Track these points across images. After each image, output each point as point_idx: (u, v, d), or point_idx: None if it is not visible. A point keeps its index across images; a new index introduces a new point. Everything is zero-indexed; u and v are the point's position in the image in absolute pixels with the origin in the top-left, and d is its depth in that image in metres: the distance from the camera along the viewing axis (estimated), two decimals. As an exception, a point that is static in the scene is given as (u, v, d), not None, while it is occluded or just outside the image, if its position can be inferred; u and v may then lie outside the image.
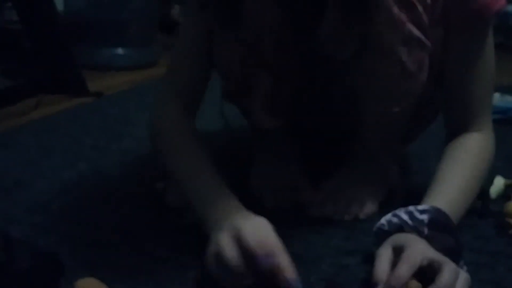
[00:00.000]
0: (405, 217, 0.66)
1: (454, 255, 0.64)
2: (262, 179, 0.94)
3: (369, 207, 0.87)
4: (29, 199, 0.95)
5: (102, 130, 1.29)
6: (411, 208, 0.67)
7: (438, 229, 0.65)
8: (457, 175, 0.74)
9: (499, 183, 0.87)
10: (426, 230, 0.65)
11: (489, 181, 0.86)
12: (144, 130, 1.27)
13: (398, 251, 0.63)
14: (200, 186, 0.75)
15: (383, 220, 0.68)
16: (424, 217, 0.65)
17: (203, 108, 0.89)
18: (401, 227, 0.66)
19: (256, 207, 0.74)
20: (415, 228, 0.65)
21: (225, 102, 0.93)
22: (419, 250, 0.61)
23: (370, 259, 0.68)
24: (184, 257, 0.77)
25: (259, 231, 0.61)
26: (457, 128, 0.80)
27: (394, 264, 0.62)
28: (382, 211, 0.78)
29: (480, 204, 0.83)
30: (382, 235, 0.67)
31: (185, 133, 0.83)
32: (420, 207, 0.67)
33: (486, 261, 0.73)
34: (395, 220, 0.67)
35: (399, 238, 0.65)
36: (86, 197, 0.95)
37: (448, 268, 0.60)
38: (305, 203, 0.88)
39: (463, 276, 0.62)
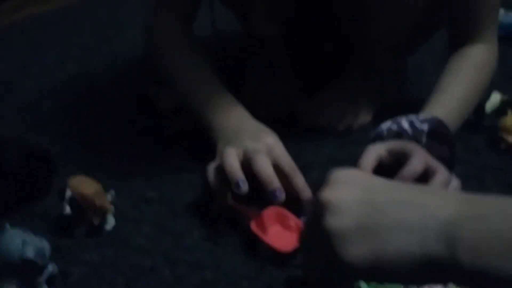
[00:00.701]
0: (405, 125, 0.66)
1: (449, 166, 0.65)
2: (256, 88, 0.93)
3: (363, 118, 0.86)
4: (19, 98, 0.93)
5: (92, 31, 1.24)
6: (412, 116, 0.66)
7: (437, 140, 0.65)
8: (459, 86, 0.73)
9: (495, 98, 0.86)
10: (424, 140, 0.65)
11: (486, 96, 0.85)
12: (136, 33, 1.23)
13: (395, 155, 0.63)
14: (202, 89, 0.74)
15: (383, 126, 0.67)
16: (424, 126, 0.65)
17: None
18: (399, 135, 0.66)
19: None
20: (414, 137, 0.65)
21: (216, 7, 0.89)
22: (421, 159, 0.62)
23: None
24: (177, 159, 0.77)
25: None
26: (462, 38, 0.77)
27: (384, 162, 0.63)
28: (376, 123, 0.78)
29: (475, 118, 0.83)
30: (379, 142, 0.67)
31: (183, 36, 0.80)
32: (421, 117, 0.66)
33: (475, 173, 0.74)
34: (394, 127, 0.66)
35: (398, 143, 0.65)
36: (76, 98, 0.94)
37: (442, 173, 0.61)
38: (299, 112, 0.87)
39: (455, 181, 0.64)
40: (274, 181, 0.62)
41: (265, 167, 0.63)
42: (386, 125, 0.67)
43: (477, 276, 0.34)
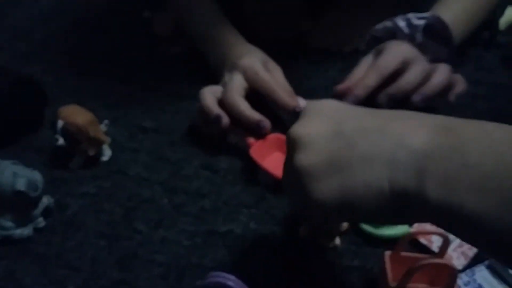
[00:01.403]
0: (401, 23, 0.62)
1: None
2: (260, 9, 0.88)
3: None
4: (9, 27, 0.89)
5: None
6: (410, 14, 0.62)
7: (433, 37, 0.62)
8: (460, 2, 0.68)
9: (510, 13, 0.80)
10: (420, 37, 0.61)
11: (500, 12, 0.80)
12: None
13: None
14: (203, 18, 0.73)
15: (378, 26, 0.64)
16: (421, 22, 0.61)
17: None
18: (394, 34, 0.62)
19: (253, 38, 0.70)
20: (409, 35, 0.61)
21: None
22: (394, 54, 0.59)
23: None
24: (174, 85, 0.74)
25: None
26: None
27: None
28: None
29: (488, 34, 0.78)
30: (373, 44, 0.64)
31: None
32: (419, 14, 0.63)
33: (485, 92, 0.71)
34: (389, 24, 0.63)
35: (384, 44, 0.61)
36: (69, 26, 0.89)
37: (415, 67, 0.58)
38: (304, 33, 0.83)
39: (444, 67, 0.61)
40: (254, 116, 0.60)
41: (236, 105, 0.61)
42: (382, 24, 0.63)
43: (445, 214, 0.31)
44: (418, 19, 0.61)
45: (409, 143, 0.33)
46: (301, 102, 0.62)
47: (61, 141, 0.59)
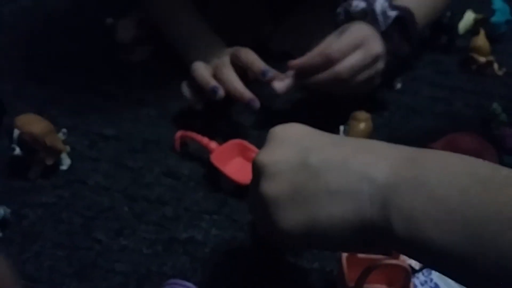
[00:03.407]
0: (377, 7, 0.62)
1: (401, 65, 0.65)
2: (222, 12, 0.88)
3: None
4: (-33, 35, 0.87)
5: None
6: (385, 1, 0.62)
7: (400, 33, 0.62)
8: None
9: (469, 17, 0.82)
10: (387, 26, 0.62)
11: (459, 16, 0.82)
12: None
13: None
14: (182, 20, 0.74)
15: (353, 1, 0.64)
16: (394, 13, 0.62)
17: None
18: (365, 14, 0.63)
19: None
20: (379, 21, 0.62)
21: None
22: (348, 38, 0.60)
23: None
24: (134, 93, 0.73)
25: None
26: None
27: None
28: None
29: (447, 39, 0.80)
30: (344, 17, 0.65)
31: None
32: (394, 3, 0.63)
33: (444, 95, 0.72)
34: (363, 4, 0.63)
35: (346, 26, 0.62)
36: (29, 32, 0.88)
37: (358, 54, 0.60)
38: (266, 37, 0.84)
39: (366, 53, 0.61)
40: (247, 93, 0.61)
41: (231, 80, 0.62)
42: (357, 2, 0.64)
43: (413, 247, 0.31)
44: (391, 9, 0.62)
45: (373, 176, 0.33)
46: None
47: (17, 150, 0.58)
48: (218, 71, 0.63)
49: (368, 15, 0.62)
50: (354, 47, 0.60)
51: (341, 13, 0.65)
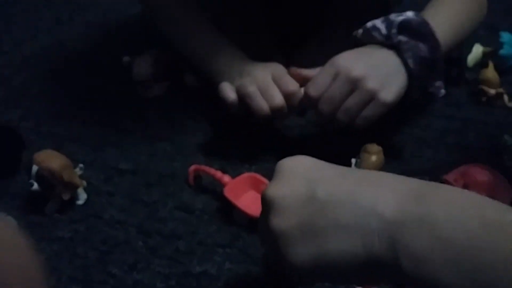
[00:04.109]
0: (379, 24, 0.61)
1: (430, 67, 0.60)
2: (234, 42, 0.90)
3: None
4: (-11, 74, 0.91)
5: (64, 2, 1.20)
6: (391, 15, 0.62)
7: (410, 34, 0.60)
8: (445, 10, 0.67)
9: (477, 50, 0.83)
10: (396, 35, 0.60)
11: (467, 49, 0.83)
12: (109, 2, 1.19)
13: None
14: (208, 39, 0.75)
15: (359, 29, 0.64)
16: (399, 19, 0.60)
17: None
18: (372, 35, 0.62)
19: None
20: (386, 35, 0.60)
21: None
22: (326, 68, 0.60)
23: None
24: (151, 129, 0.75)
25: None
26: None
27: None
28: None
29: (456, 71, 0.80)
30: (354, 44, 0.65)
31: None
32: (398, 14, 0.62)
33: (456, 127, 0.73)
34: (369, 25, 0.62)
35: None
36: (48, 71, 0.91)
37: (337, 84, 0.59)
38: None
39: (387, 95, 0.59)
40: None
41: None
42: (363, 26, 0.63)
43: (421, 284, 0.31)
44: (396, 16, 0.61)
45: (381, 211, 0.33)
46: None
47: (35, 186, 0.59)
48: (263, 87, 0.64)
49: (373, 33, 0.61)
50: (331, 78, 0.59)
51: (353, 44, 0.65)
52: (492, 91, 0.74)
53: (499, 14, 1.03)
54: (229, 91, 0.65)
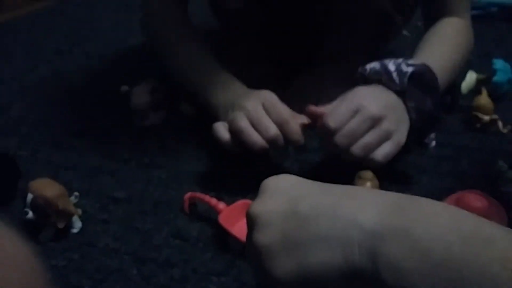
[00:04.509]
0: (391, 66, 0.62)
1: (431, 122, 0.62)
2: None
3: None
4: (-12, 103, 0.92)
5: (65, 34, 1.22)
6: (400, 59, 0.63)
7: (418, 86, 0.62)
8: (439, 45, 0.71)
9: (471, 78, 0.84)
10: (405, 84, 0.61)
11: (461, 76, 0.84)
12: (108, 34, 1.21)
13: None
14: (199, 69, 0.75)
15: (367, 66, 0.65)
16: (409, 69, 0.62)
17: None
18: (380, 76, 0.63)
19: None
20: (395, 80, 0.61)
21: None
22: (347, 102, 0.60)
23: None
24: (147, 157, 0.75)
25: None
26: (436, 14, 0.77)
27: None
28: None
29: (450, 98, 0.81)
30: (362, 83, 0.65)
31: (180, 24, 0.81)
32: (410, 61, 0.63)
33: (450, 154, 0.73)
34: (377, 66, 0.63)
35: (348, 92, 0.62)
36: (47, 100, 0.92)
37: (358, 119, 0.59)
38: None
39: (392, 144, 0.60)
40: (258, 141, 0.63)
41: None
42: (371, 65, 0.64)
43: None
44: (407, 66, 0.62)
45: (361, 222, 0.33)
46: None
47: (30, 214, 0.59)
48: (255, 119, 0.63)
49: (383, 76, 0.63)
50: (351, 113, 0.60)
51: (359, 79, 0.66)
52: (486, 118, 0.75)
53: (492, 41, 1.05)
54: (222, 131, 0.65)
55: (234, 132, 0.64)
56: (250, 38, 0.94)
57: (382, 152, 0.60)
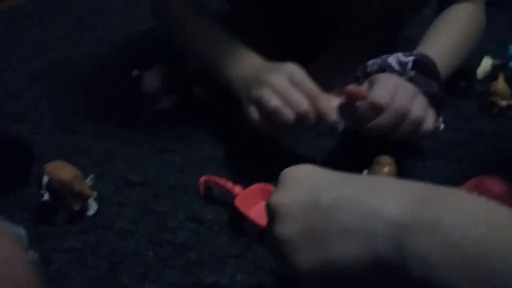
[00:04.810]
0: (392, 60, 0.62)
1: (437, 103, 0.62)
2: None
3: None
4: (-1, 88, 0.91)
5: (74, 19, 1.22)
6: (398, 54, 0.63)
7: (423, 72, 0.62)
8: (449, 32, 0.71)
9: (486, 63, 0.84)
10: (410, 72, 0.62)
11: (477, 62, 0.83)
12: (118, 18, 1.21)
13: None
14: (215, 45, 0.72)
15: (368, 63, 0.65)
16: (410, 59, 0.62)
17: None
18: (383, 70, 0.63)
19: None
20: (399, 71, 0.62)
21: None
22: (386, 86, 0.58)
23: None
24: (159, 141, 0.75)
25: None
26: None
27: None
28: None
29: (465, 84, 0.80)
30: (363, 79, 0.64)
31: (192, 1, 0.78)
32: (407, 53, 0.64)
33: (466, 139, 0.72)
34: (378, 61, 0.63)
35: (375, 76, 0.61)
36: (58, 86, 0.92)
37: (418, 105, 0.58)
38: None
39: (434, 119, 0.60)
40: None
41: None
42: (371, 61, 0.64)
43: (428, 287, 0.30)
44: (406, 57, 0.63)
45: (386, 214, 0.33)
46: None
47: (46, 196, 0.59)
48: (284, 95, 0.60)
49: (386, 70, 0.63)
50: (394, 91, 0.58)
51: (361, 77, 0.66)
52: (503, 103, 0.74)
53: (508, 27, 1.04)
54: (253, 112, 0.62)
55: (265, 110, 0.60)
56: (262, 23, 0.93)
57: (430, 121, 0.59)
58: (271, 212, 0.38)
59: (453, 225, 0.30)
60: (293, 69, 0.63)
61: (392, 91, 0.58)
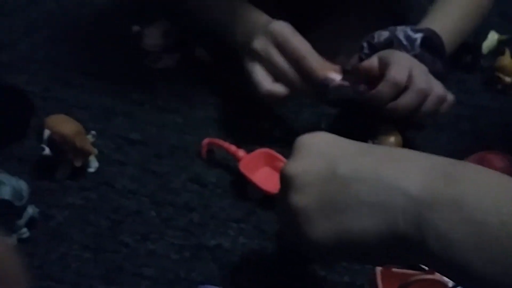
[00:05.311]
0: (399, 33, 0.62)
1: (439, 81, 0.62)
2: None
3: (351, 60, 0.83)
4: (-7, 37, 0.88)
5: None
6: (406, 27, 0.63)
7: (430, 51, 0.62)
8: (455, 5, 0.70)
9: (492, 38, 0.83)
10: (418, 49, 0.61)
11: (483, 36, 0.82)
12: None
13: (382, 66, 0.59)
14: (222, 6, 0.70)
15: (375, 33, 0.64)
16: (418, 35, 0.62)
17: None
18: (391, 43, 0.62)
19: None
20: (406, 46, 0.61)
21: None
22: (403, 67, 0.57)
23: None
24: (160, 100, 0.73)
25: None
26: None
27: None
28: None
29: (471, 58, 0.80)
30: (368, 51, 0.64)
31: None
32: (415, 27, 0.63)
33: (469, 113, 0.72)
34: (386, 34, 0.63)
35: (385, 52, 0.60)
36: (56, 37, 0.88)
37: (436, 87, 0.58)
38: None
39: (450, 96, 0.61)
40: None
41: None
42: (377, 32, 0.64)
43: (448, 266, 0.30)
44: (414, 32, 0.62)
45: (406, 188, 0.32)
46: (332, 75, 0.60)
47: (46, 150, 0.58)
48: (267, 64, 0.60)
49: (394, 43, 0.62)
50: (410, 69, 0.58)
51: (365, 47, 0.65)
52: (508, 79, 0.74)
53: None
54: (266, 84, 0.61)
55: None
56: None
57: (451, 99, 0.61)
58: (286, 180, 0.38)
59: (476, 203, 0.30)
60: (277, 28, 0.61)
61: (409, 70, 0.57)
